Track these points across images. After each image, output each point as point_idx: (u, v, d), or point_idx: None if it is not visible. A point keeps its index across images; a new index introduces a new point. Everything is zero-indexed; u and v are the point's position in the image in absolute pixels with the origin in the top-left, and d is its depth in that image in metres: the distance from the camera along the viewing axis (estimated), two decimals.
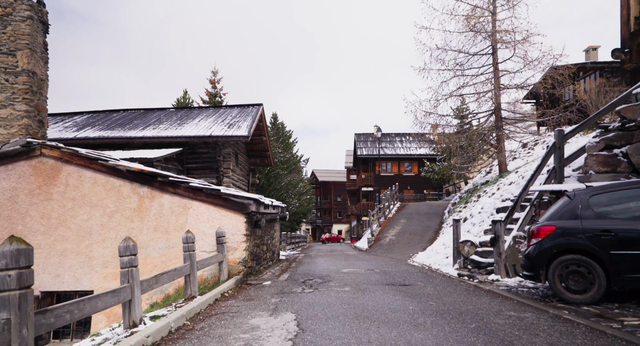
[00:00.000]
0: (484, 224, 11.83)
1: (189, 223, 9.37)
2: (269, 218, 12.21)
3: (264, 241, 12.32)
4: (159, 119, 18.21)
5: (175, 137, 15.93)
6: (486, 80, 19.98)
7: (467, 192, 21.85)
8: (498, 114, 20.21)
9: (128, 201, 9.35)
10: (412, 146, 46.31)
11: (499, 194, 13.60)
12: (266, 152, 22.02)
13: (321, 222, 71.65)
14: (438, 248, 13.20)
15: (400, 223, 23.55)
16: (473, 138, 20.60)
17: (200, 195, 9.42)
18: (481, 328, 4.76)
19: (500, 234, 8.17)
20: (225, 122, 17.59)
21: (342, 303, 6.59)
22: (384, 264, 12.89)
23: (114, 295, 4.45)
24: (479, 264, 8.86)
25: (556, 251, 5.97)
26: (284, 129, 34.16)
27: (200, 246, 9.31)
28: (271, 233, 13.81)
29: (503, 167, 20.37)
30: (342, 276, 10.13)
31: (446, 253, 11.82)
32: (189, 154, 16.79)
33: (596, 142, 9.20)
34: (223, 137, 16.03)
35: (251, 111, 19.24)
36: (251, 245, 10.12)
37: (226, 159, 16.76)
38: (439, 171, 36.10)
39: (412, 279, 9.37)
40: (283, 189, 29.04)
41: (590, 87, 22.56)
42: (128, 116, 18.92)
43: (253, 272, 10.45)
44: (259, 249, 11.43)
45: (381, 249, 18.83)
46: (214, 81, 28.25)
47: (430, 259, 12.41)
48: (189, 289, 6.99)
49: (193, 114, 18.99)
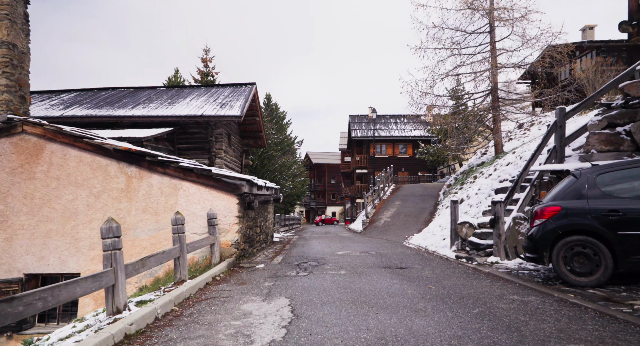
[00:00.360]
0: (481, 205, 11.62)
1: (179, 204, 9.06)
2: (263, 200, 11.92)
3: (257, 223, 12.05)
4: (149, 98, 17.69)
5: (166, 116, 15.47)
6: (483, 59, 19.57)
7: (463, 173, 21.64)
8: (495, 94, 19.87)
9: (115, 181, 8.99)
10: (406, 127, 45.96)
11: (496, 175, 13.37)
12: (259, 133, 21.61)
13: (315, 204, 71.60)
14: (434, 229, 13.01)
15: (395, 204, 23.37)
16: (469, 119, 20.28)
17: (190, 175, 9.08)
18: (485, 314, 4.53)
19: (500, 215, 7.94)
20: (218, 101, 17.12)
21: (338, 287, 6.35)
22: (380, 247, 12.69)
23: (94, 280, 4.15)
24: (477, 246, 8.65)
25: (561, 232, 5.73)
26: (278, 109, 33.57)
27: (191, 228, 9.02)
28: (264, 215, 13.54)
29: (499, 148, 20.13)
30: (337, 259, 9.91)
31: (443, 234, 11.62)
32: (181, 134, 16.37)
33: (598, 121, 8.93)
34: (215, 117, 15.59)
35: (244, 90, 18.75)
36: (244, 227, 9.84)
37: (218, 139, 16.36)
38: (433, 152, 35.89)
39: (408, 261, 9.17)
40: (277, 171, 28.67)
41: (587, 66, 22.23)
42: (117, 95, 18.37)
43: (246, 255, 10.20)
44: (252, 232, 11.17)
45: (376, 231, 18.66)
46: (206, 59, 27.50)
47: (427, 241, 12.22)
48: (178, 272, 6.72)
49: (184, 93, 18.46)
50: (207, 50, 27.52)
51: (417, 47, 20.67)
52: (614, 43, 26.02)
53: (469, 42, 20.49)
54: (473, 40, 20.33)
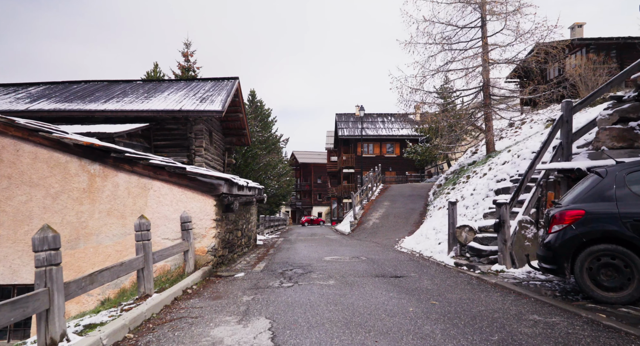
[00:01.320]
0: (478, 207, 10.88)
1: (149, 206, 8.10)
2: (244, 201, 11.01)
3: (239, 226, 11.13)
4: (124, 92, 16.60)
5: (141, 111, 14.43)
6: (475, 55, 18.92)
7: (454, 173, 20.98)
8: (487, 91, 19.25)
9: (76, 180, 8.00)
10: (394, 126, 45.34)
11: (491, 175, 12.66)
12: (243, 130, 20.64)
13: (301, 204, 70.67)
14: (427, 232, 12.25)
15: (383, 205, 22.62)
16: (461, 116, 19.63)
17: (162, 174, 8.13)
18: (507, 342, 3.71)
19: (506, 218, 7.17)
20: (198, 96, 16.13)
21: (327, 302, 5.49)
22: (370, 251, 11.88)
23: (14, 307, 3.21)
24: (479, 253, 7.88)
25: (585, 240, 4.96)
26: (263, 107, 32.50)
27: (162, 232, 8.07)
28: (247, 217, 12.62)
29: (491, 147, 19.52)
30: (325, 266, 9.05)
31: (438, 238, 10.85)
32: (157, 131, 15.34)
33: (609, 115, 8.22)
34: (194, 112, 14.61)
35: (226, 84, 17.77)
36: (222, 231, 8.92)
37: (198, 136, 15.37)
38: (421, 152, 35.28)
39: (404, 269, 8.36)
40: (261, 170, 27.68)
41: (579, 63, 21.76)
42: (89, 88, 17.23)
43: (225, 261, 9.28)
44: (232, 236, 10.25)
45: (365, 233, 17.86)
46: (187, 53, 26.32)
47: (420, 245, 11.44)
48: (142, 286, 5.79)
49: (162, 87, 17.42)
50: (188, 44, 26.36)
51: (406, 42, 19.96)
52: (604, 41, 25.70)
53: (460, 37, 19.85)
54: (464, 35, 19.62)
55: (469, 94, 19.98)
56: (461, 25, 19.48)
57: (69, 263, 7.79)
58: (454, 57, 19.58)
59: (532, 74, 19.42)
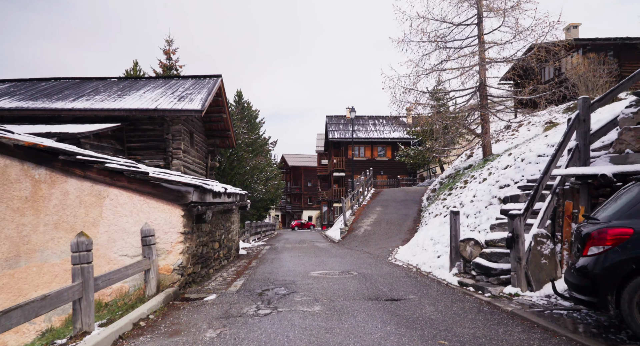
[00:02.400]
0: (481, 216, 9.85)
1: (104, 218, 6.95)
2: (222, 209, 9.88)
3: (215, 237, 9.99)
4: (96, 90, 15.38)
5: (113, 110, 13.24)
6: (471, 53, 17.99)
7: (449, 177, 20.00)
8: (483, 91, 18.32)
9: (17, 188, 6.82)
10: (385, 129, 44.43)
11: (492, 180, 11.67)
12: (227, 132, 19.49)
13: (291, 208, 69.51)
14: (424, 243, 11.20)
15: (375, 211, 21.57)
16: (458, 117, 18.67)
17: (120, 180, 6.99)
18: None
19: (520, 232, 6.13)
20: (176, 94, 14.97)
21: (309, 342, 4.39)
22: (362, 264, 10.80)
23: None
24: (487, 271, 6.83)
25: (635, 266, 3.93)
26: (250, 108, 31.25)
27: (120, 248, 6.92)
28: (226, 226, 11.48)
29: (488, 150, 18.57)
30: (312, 284, 7.95)
31: (436, 250, 9.80)
32: (131, 132, 14.14)
33: (632, 114, 7.24)
34: (172, 111, 13.45)
35: (207, 82, 16.62)
36: (193, 245, 7.78)
37: (176, 137, 14.19)
38: (414, 155, 34.32)
39: (400, 288, 7.28)
40: (247, 174, 26.47)
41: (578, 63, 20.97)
42: (58, 86, 15.98)
43: (196, 279, 8.13)
44: (207, 249, 9.10)
45: (356, 241, 16.79)
46: (169, 51, 25.06)
47: (417, 257, 10.39)
48: (78, 321, 4.65)
49: (138, 85, 16.22)
50: (170, 41, 25.08)
51: (399, 40, 18.98)
52: (602, 41, 25.04)
53: (456, 35, 18.91)
54: (460, 32, 18.68)
55: (465, 94, 19.04)
56: (457, 23, 18.55)
57: (7, 284, 6.61)
58: (449, 55, 18.65)
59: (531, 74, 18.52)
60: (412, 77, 19.06)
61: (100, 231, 6.92)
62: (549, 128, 17.18)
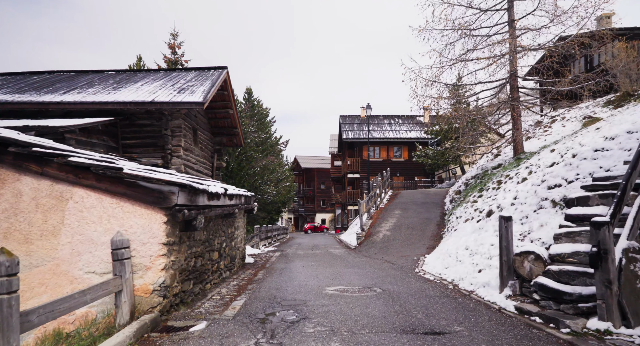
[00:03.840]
0: (529, 222, 8.22)
1: (67, 225, 5.54)
2: (221, 213, 8.43)
3: (214, 246, 8.53)
4: (90, 83, 14.10)
5: (105, 103, 11.91)
6: (501, 41, 16.33)
7: (476, 178, 18.33)
8: (514, 82, 16.67)
9: None
10: (402, 129, 42.73)
11: (536, 179, 10.04)
12: (234, 129, 18.08)
13: (304, 211, 68.06)
14: (458, 252, 9.61)
15: (394, 214, 19.97)
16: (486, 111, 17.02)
17: (87, 177, 5.57)
18: None
19: (609, 246, 4.55)
20: (176, 86, 13.60)
21: None
22: (385, 276, 9.25)
23: None
24: (557, 295, 5.24)
25: None
26: (260, 106, 29.89)
27: (86, 263, 5.50)
28: (229, 233, 10.02)
29: (519, 148, 16.91)
30: (327, 306, 6.44)
31: (475, 263, 8.20)
32: (126, 127, 12.80)
33: None
34: (170, 104, 12.08)
35: (212, 74, 15.24)
36: (181, 258, 6.33)
37: (176, 133, 12.81)
38: (433, 155, 32.61)
39: (439, 314, 5.73)
40: (257, 175, 25.04)
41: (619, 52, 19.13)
42: (51, 79, 14.75)
43: (186, 299, 6.67)
44: (203, 260, 7.65)
45: (374, 248, 15.22)
46: (174, 45, 23.76)
47: (451, 270, 8.81)
48: None
49: (137, 78, 14.90)
50: (175, 35, 23.81)
51: (420, 28, 17.41)
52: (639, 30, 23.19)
53: (483, 22, 17.29)
54: (487, 19, 17.06)
55: (493, 87, 17.38)
56: (484, 8, 16.94)
57: None
58: (476, 44, 17.03)
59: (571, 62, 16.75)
60: (434, 69, 17.50)
61: (61, 242, 5.50)
62: (589, 123, 15.41)
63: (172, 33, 23.93)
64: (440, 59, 16.94)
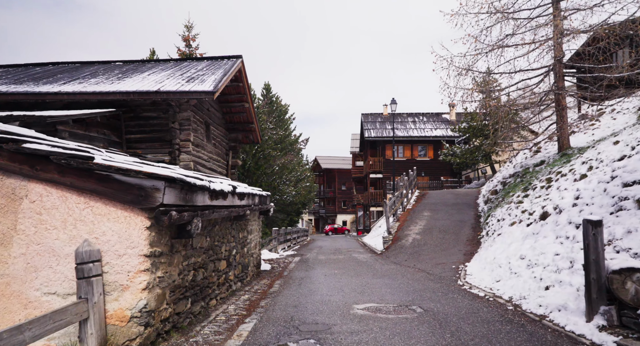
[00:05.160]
0: (607, 226, 6.64)
1: (20, 231, 4.27)
2: (228, 215, 7.10)
3: (220, 255, 7.20)
4: (94, 73, 13.02)
5: (107, 93, 10.77)
6: (546, 23, 14.62)
7: (515, 176, 16.63)
8: (560, 70, 14.95)
9: None
10: (426, 127, 40.92)
11: (603, 176, 8.42)
12: (250, 124, 16.81)
13: (325, 212, 66.68)
14: (511, 262, 8.07)
15: (423, 216, 18.41)
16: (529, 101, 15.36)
17: (47, 169, 4.30)
18: None
19: None
20: (185, 76, 12.39)
21: None
22: (423, 290, 7.78)
23: None
24: None
25: None
26: (279, 102, 28.58)
27: (44, 281, 4.23)
28: (240, 238, 8.69)
29: (565, 143, 15.20)
30: (357, 333, 5.03)
31: (539, 276, 6.66)
32: (131, 120, 11.64)
33: None
34: (177, 93, 10.85)
35: (225, 63, 13.98)
36: (174, 273, 5.00)
37: (184, 127, 11.59)
38: (461, 154, 30.77)
39: None
40: (276, 174, 23.77)
41: None
42: (54, 70, 13.73)
43: (181, 323, 5.34)
44: (204, 273, 6.32)
45: (404, 253, 13.71)
46: (188, 37, 22.62)
47: (505, 284, 7.29)
48: None
49: (144, 68, 13.76)
50: (189, 26, 22.68)
51: (453, 12, 15.83)
52: None
53: (522, 4, 15.61)
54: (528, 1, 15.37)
55: (535, 75, 15.68)
56: None
57: None
58: (516, 28, 15.36)
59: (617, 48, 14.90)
60: (468, 57, 15.89)
61: (13, 254, 4.24)
62: None
63: (187, 25, 22.79)
64: (476, 44, 15.33)
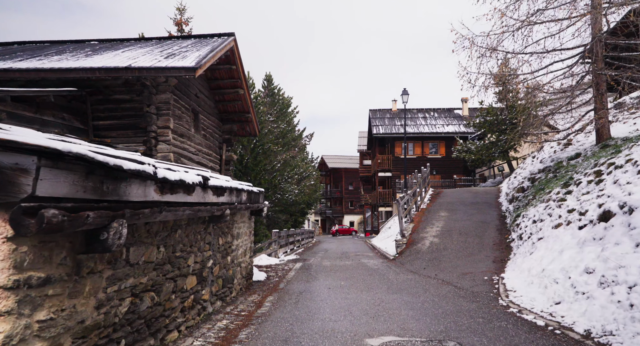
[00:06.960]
0: None
1: None
2: (194, 215, 5.23)
3: (185, 269, 5.34)
4: (60, 51, 11.28)
5: (67, 70, 8.99)
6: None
7: (546, 172, 14.65)
8: (598, 50, 12.97)
9: None
10: (437, 122, 38.91)
11: None
12: (246, 114, 14.98)
13: (331, 213, 64.80)
14: (573, 277, 6.16)
15: (440, 216, 16.48)
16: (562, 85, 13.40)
17: None
18: None
19: None
20: (165, 52, 10.61)
21: None
22: (456, 312, 5.87)
23: None
24: None
25: None
26: (282, 94, 26.63)
27: None
28: (219, 245, 6.84)
29: (605, 133, 13.25)
30: None
31: (624, 301, 4.77)
32: (99, 103, 9.85)
33: None
34: (152, 70, 9.05)
35: (214, 41, 12.17)
36: (84, 307, 3.14)
37: (162, 111, 9.79)
38: (476, 150, 28.74)
39: None
40: (277, 171, 21.92)
41: None
42: (16, 49, 11.97)
43: None
44: (155, 298, 4.46)
45: (421, 259, 11.80)
46: (180, 20, 20.73)
47: (571, 308, 5.39)
48: None
49: (122, 46, 11.98)
50: (181, 9, 20.89)
51: None
52: None
53: None
54: None
55: (571, 56, 13.70)
56: None
57: None
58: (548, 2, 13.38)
59: None
60: (492, 36, 13.94)
61: None
62: None
63: (179, 7, 21.02)
64: (502, 20, 13.36)
